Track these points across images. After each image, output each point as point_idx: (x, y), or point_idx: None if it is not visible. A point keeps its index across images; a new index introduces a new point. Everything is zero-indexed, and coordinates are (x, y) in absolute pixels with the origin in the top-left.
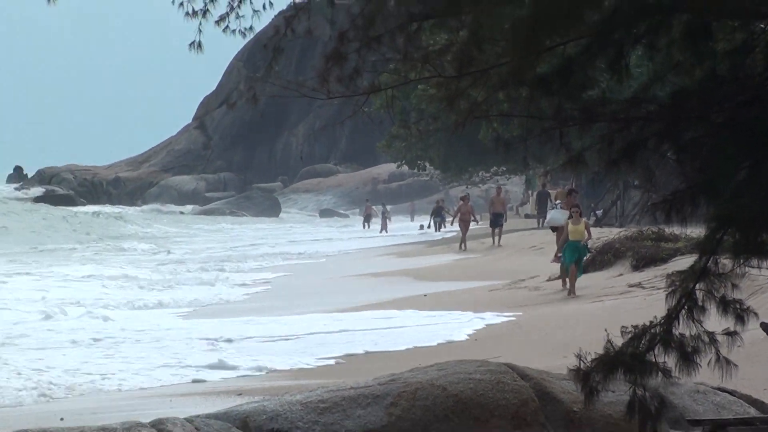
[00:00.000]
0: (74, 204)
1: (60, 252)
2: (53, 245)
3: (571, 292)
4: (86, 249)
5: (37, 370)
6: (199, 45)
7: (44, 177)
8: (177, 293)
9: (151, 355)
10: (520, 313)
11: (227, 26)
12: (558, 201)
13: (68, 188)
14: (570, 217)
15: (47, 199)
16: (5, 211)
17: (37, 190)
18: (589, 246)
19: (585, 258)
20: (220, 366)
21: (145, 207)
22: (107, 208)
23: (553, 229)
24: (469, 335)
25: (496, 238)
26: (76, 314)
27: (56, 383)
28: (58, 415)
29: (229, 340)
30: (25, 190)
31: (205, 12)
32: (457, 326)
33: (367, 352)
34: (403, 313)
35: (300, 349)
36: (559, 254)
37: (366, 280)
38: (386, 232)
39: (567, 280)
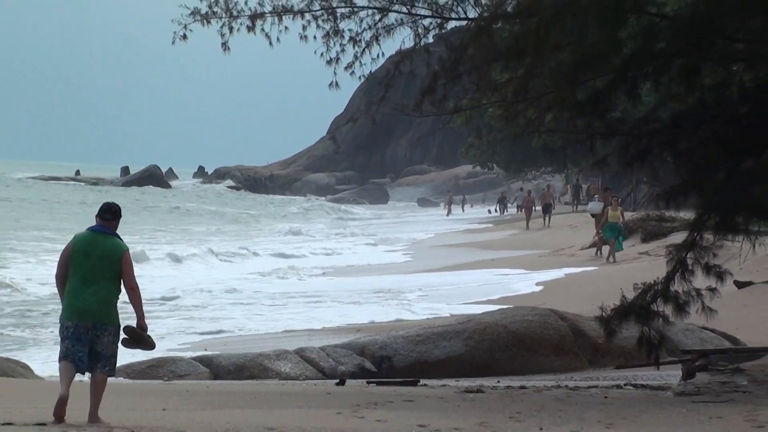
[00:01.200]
0: None
1: (266, 228)
2: (261, 224)
3: (611, 258)
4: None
5: (248, 316)
6: (337, 84)
7: (220, 174)
8: (354, 258)
9: (320, 306)
10: (561, 273)
11: (353, 71)
12: (595, 195)
13: (237, 182)
14: (610, 204)
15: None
16: (214, 199)
17: (216, 184)
18: (623, 226)
19: (622, 234)
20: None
21: (297, 197)
22: (268, 197)
23: (593, 215)
24: (524, 288)
25: (547, 220)
26: (283, 276)
27: (247, 326)
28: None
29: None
30: (209, 184)
31: (337, 59)
32: (515, 282)
33: (451, 303)
34: (479, 272)
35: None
36: (601, 232)
37: (453, 249)
38: (450, 215)
39: (601, 250)
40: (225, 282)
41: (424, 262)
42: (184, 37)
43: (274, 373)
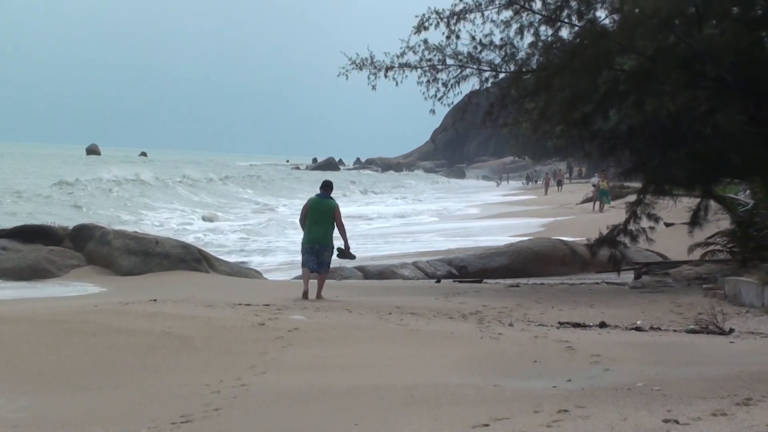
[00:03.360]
0: None
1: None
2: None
3: (601, 210)
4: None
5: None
6: (434, 111)
7: (369, 162)
8: (446, 210)
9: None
10: (564, 218)
11: (443, 101)
12: (596, 174)
13: (378, 168)
14: (603, 179)
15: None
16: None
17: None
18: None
19: (608, 195)
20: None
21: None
22: (398, 174)
23: (593, 186)
24: (541, 227)
25: (559, 189)
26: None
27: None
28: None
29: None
30: (362, 169)
31: (434, 95)
32: (536, 223)
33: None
34: (516, 218)
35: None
36: (596, 195)
37: (501, 205)
38: (499, 185)
39: (596, 205)
40: (373, 224)
41: (486, 212)
42: (346, 77)
43: (400, 275)
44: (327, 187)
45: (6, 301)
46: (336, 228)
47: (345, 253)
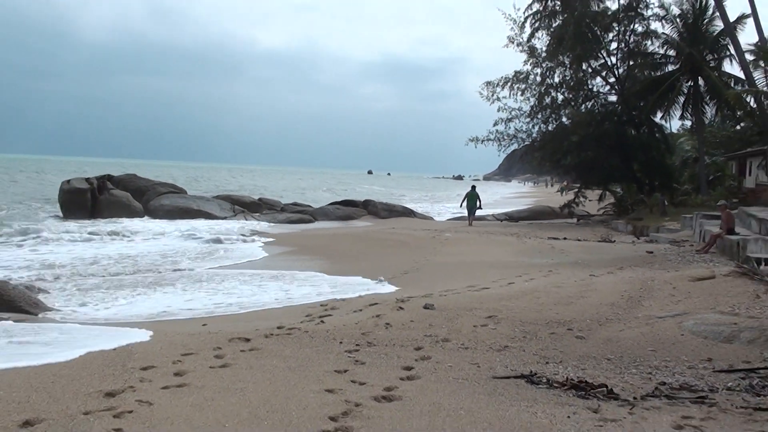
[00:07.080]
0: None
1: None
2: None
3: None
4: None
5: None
6: (499, 154)
7: (475, 177)
8: (504, 192)
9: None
10: (547, 198)
11: (504, 152)
12: (565, 182)
13: (476, 179)
14: (564, 183)
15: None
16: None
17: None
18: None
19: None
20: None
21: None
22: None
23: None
24: (539, 201)
25: (551, 186)
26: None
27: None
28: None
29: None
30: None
31: (501, 149)
32: (537, 200)
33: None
34: (534, 197)
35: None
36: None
37: (527, 191)
38: (524, 185)
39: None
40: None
41: (517, 195)
42: (467, 144)
43: (486, 219)
44: (474, 187)
45: (341, 227)
46: (478, 201)
47: (479, 208)
